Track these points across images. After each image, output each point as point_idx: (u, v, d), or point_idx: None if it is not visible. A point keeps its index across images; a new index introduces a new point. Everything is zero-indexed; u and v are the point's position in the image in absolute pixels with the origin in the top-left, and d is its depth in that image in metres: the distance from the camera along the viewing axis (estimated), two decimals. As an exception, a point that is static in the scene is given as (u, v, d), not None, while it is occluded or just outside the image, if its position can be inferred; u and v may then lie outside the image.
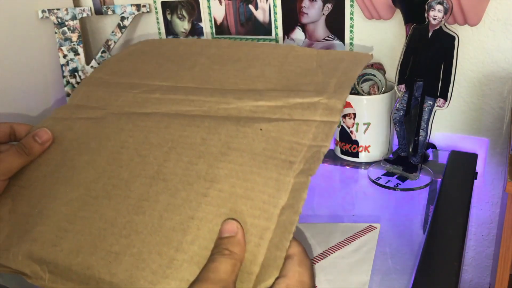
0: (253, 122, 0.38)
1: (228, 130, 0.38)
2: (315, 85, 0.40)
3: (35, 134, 0.43)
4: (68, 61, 1.02)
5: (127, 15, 0.99)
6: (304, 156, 0.35)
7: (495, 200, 0.83)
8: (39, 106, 1.02)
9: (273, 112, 0.38)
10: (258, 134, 0.36)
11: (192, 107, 0.42)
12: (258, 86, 0.42)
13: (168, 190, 0.35)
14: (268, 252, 0.31)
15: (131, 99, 0.45)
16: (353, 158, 0.77)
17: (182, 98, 0.43)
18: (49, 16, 0.99)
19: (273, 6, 0.88)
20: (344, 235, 0.57)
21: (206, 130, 0.38)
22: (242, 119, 0.39)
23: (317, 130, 0.36)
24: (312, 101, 0.37)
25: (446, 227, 0.57)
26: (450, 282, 0.48)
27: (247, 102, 0.40)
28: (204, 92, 0.43)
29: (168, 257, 0.32)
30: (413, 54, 0.66)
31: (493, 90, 0.76)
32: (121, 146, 0.40)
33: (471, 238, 0.88)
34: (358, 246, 0.55)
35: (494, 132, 0.78)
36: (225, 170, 0.35)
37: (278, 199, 0.33)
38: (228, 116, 0.39)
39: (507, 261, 0.63)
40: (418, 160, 0.70)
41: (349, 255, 0.53)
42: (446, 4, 0.61)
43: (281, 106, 0.38)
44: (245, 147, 0.36)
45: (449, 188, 0.66)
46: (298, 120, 0.37)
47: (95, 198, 0.37)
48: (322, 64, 0.42)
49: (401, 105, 0.69)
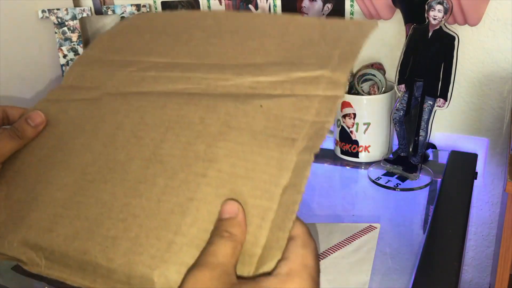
0: (253, 99, 0.36)
1: (227, 108, 0.36)
2: (317, 57, 0.38)
3: (28, 117, 0.42)
4: (68, 61, 1.02)
5: (127, 15, 0.99)
6: (307, 132, 0.33)
7: (495, 200, 0.83)
8: (39, 106, 1.02)
9: (274, 87, 0.37)
10: (258, 112, 0.35)
11: (189, 84, 0.40)
12: (258, 59, 0.40)
13: (166, 172, 0.34)
14: (270, 234, 0.30)
15: (126, 77, 0.44)
16: (353, 158, 0.77)
17: (178, 75, 0.41)
18: (49, 16, 0.99)
19: (273, 6, 0.88)
20: (344, 235, 0.57)
21: (204, 108, 0.37)
22: (241, 96, 0.37)
23: (320, 105, 0.34)
24: (314, 74, 0.36)
25: (446, 227, 0.57)
26: (450, 282, 0.48)
27: (246, 78, 0.38)
28: (201, 69, 0.41)
29: (166, 240, 0.31)
30: (413, 54, 0.66)
31: (493, 90, 0.76)
32: (116, 128, 0.39)
33: (471, 238, 0.88)
34: (358, 246, 0.55)
35: (494, 132, 0.78)
36: (224, 149, 0.34)
37: (280, 178, 0.32)
38: (227, 93, 0.38)
39: (507, 261, 0.64)
40: (418, 160, 0.70)
41: (349, 255, 0.53)
42: (446, 4, 0.61)
43: (282, 81, 0.37)
44: (245, 125, 0.35)
45: (449, 188, 0.66)
46: (300, 96, 0.35)
47: (91, 182, 0.36)
48: (325, 34, 0.40)
49: (401, 105, 0.69)
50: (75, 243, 0.33)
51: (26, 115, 0.42)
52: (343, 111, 0.74)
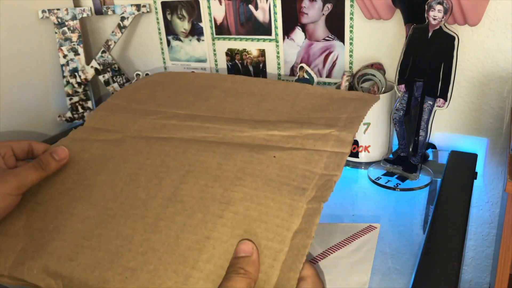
0: (267, 150, 0.39)
1: (243, 156, 0.39)
2: (326, 119, 0.41)
3: (53, 152, 0.44)
4: (68, 61, 1.02)
5: (127, 15, 0.99)
6: (316, 183, 0.36)
7: (495, 200, 0.83)
8: (39, 106, 1.02)
9: (286, 141, 0.40)
10: (272, 161, 0.38)
11: (208, 133, 0.43)
12: (271, 118, 0.44)
13: (185, 211, 0.36)
14: (281, 273, 0.32)
15: (148, 124, 0.47)
16: (353, 158, 0.77)
17: (198, 125, 0.44)
18: (49, 16, 0.99)
19: (273, 6, 0.88)
20: (344, 235, 0.57)
21: (222, 155, 0.40)
22: (256, 146, 0.40)
23: (329, 160, 0.37)
24: (323, 132, 0.39)
25: (446, 227, 0.57)
26: (450, 282, 0.48)
27: (261, 131, 0.41)
28: (219, 121, 0.44)
29: (184, 274, 0.33)
30: (413, 54, 0.66)
31: (493, 90, 0.76)
32: (138, 168, 0.41)
33: (471, 238, 0.88)
34: (358, 246, 0.55)
35: (494, 132, 0.78)
36: (240, 193, 0.36)
37: (291, 223, 0.34)
38: (243, 143, 0.41)
39: (507, 261, 0.64)
40: (418, 160, 0.70)
41: (349, 255, 0.53)
42: (446, 4, 0.61)
43: (294, 136, 0.40)
44: (260, 172, 0.37)
45: (449, 188, 0.66)
46: (310, 150, 0.38)
47: (112, 217, 0.38)
48: (333, 102, 0.44)
49: (401, 105, 0.69)
50: (95, 273, 0.35)
51: (51, 149, 0.45)
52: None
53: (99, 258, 0.35)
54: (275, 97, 0.47)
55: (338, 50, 0.86)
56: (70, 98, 1.04)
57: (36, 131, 1.01)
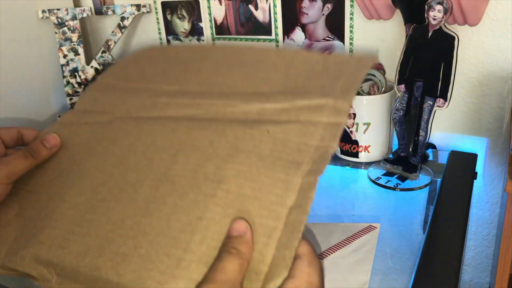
0: (260, 125, 0.38)
1: (235, 132, 0.38)
2: (321, 88, 0.40)
3: (44, 139, 0.43)
4: (68, 61, 1.02)
5: (127, 15, 0.99)
6: (312, 156, 0.35)
7: (495, 200, 0.83)
8: (39, 106, 1.02)
9: (280, 114, 0.38)
10: (265, 136, 0.37)
11: (199, 110, 0.42)
12: (265, 89, 0.42)
13: (175, 192, 0.35)
14: (276, 252, 0.31)
15: (137, 103, 0.46)
16: (353, 158, 0.77)
17: (188, 102, 0.43)
18: (49, 16, 0.99)
19: (273, 6, 0.88)
20: (344, 235, 0.57)
21: (214, 132, 0.39)
22: (249, 121, 0.39)
23: (324, 131, 0.36)
24: (319, 103, 0.38)
25: (446, 227, 0.57)
26: (450, 282, 0.48)
27: (254, 105, 0.40)
28: (210, 96, 0.43)
29: (176, 257, 0.32)
30: (413, 54, 0.66)
31: (493, 90, 0.76)
32: (127, 150, 0.41)
33: (471, 238, 0.88)
34: (358, 246, 0.55)
35: (494, 132, 0.78)
36: (232, 171, 0.35)
37: (286, 199, 0.33)
38: (235, 119, 0.40)
39: (507, 261, 0.64)
40: (418, 160, 0.70)
41: (349, 255, 0.53)
42: (446, 4, 0.61)
43: (288, 109, 0.39)
44: (252, 148, 0.36)
45: (449, 188, 0.66)
46: (305, 122, 0.37)
47: (102, 201, 0.37)
48: (328, 67, 0.42)
49: (401, 105, 0.69)
50: (86, 259, 0.34)
51: (42, 137, 0.43)
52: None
53: (90, 245, 0.35)
54: (268, 66, 0.45)
55: (338, 50, 0.86)
56: (70, 98, 1.04)
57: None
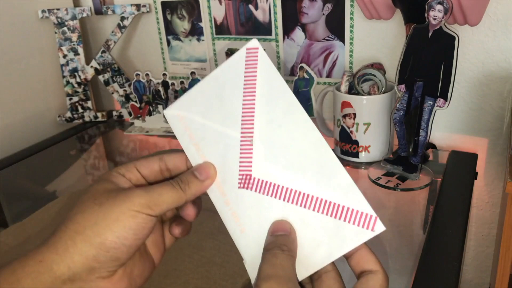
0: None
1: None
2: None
3: (195, 169, 0.35)
4: (68, 61, 1.02)
5: (127, 15, 0.99)
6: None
7: (495, 200, 0.83)
8: (38, 106, 1.02)
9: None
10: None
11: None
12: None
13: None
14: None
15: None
16: (353, 158, 0.77)
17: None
18: (49, 16, 0.99)
19: (273, 6, 0.88)
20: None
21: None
22: None
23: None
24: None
25: (446, 227, 0.57)
26: (450, 282, 0.48)
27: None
28: None
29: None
30: (413, 54, 0.66)
31: (493, 90, 0.76)
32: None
33: (471, 238, 0.88)
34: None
35: (494, 132, 0.78)
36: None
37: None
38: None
39: (507, 261, 0.63)
40: (418, 160, 0.70)
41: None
42: (446, 4, 0.61)
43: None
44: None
45: (449, 188, 0.66)
46: None
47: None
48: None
49: (401, 105, 0.69)
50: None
51: (193, 167, 0.35)
52: (343, 111, 0.74)
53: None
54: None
55: (338, 50, 0.86)
56: (70, 98, 1.04)
57: (36, 131, 1.01)
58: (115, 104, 1.13)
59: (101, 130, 1.05)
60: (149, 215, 0.31)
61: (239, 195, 0.34)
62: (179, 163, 0.36)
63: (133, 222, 0.30)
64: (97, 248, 0.30)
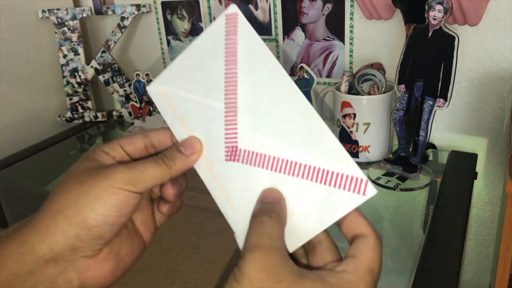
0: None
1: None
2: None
3: (180, 144, 0.34)
4: (68, 61, 1.02)
5: (127, 15, 0.99)
6: None
7: (495, 200, 0.83)
8: (39, 106, 1.02)
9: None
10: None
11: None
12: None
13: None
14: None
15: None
16: (353, 158, 0.76)
17: None
18: (49, 16, 0.99)
19: (273, 6, 0.88)
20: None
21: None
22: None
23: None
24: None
25: (446, 227, 0.57)
26: (450, 282, 0.48)
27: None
28: None
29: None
30: (413, 54, 0.66)
31: (493, 90, 0.76)
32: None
33: (471, 238, 0.88)
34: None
35: (494, 132, 0.78)
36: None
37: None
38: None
39: (507, 261, 0.63)
40: (418, 160, 0.70)
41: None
42: (446, 4, 0.61)
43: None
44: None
45: (449, 188, 0.66)
46: None
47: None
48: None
49: (401, 105, 0.69)
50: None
51: (178, 143, 0.34)
52: (343, 111, 0.74)
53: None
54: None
55: (338, 50, 0.86)
56: (70, 98, 1.04)
57: (36, 131, 1.01)
58: (115, 104, 1.13)
59: (101, 130, 1.05)
60: (132, 191, 0.30)
61: (227, 168, 0.33)
62: (164, 139, 0.35)
63: (115, 199, 0.30)
64: (78, 227, 0.29)
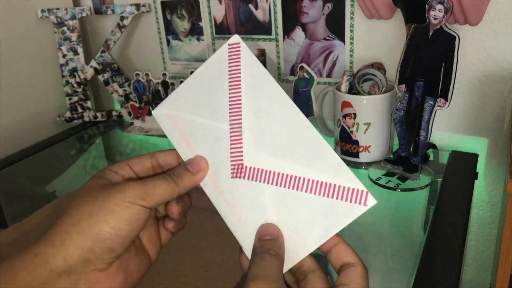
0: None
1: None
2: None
3: (187, 163, 0.35)
4: (67, 61, 1.02)
5: (126, 14, 0.99)
6: None
7: (495, 200, 0.83)
8: (38, 106, 1.02)
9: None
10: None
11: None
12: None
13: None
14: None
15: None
16: (354, 158, 0.77)
17: None
18: (48, 15, 0.99)
19: (273, 6, 0.88)
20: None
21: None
22: None
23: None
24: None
25: (446, 227, 0.57)
26: (451, 282, 0.47)
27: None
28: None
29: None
30: (414, 54, 0.66)
31: (493, 90, 0.76)
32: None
33: (471, 238, 0.88)
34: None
35: (495, 132, 0.78)
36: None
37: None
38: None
39: (507, 261, 0.63)
40: (418, 160, 0.70)
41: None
42: (446, 4, 0.61)
43: None
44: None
45: (450, 188, 0.66)
46: None
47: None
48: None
49: (401, 105, 0.69)
50: None
51: (186, 161, 0.36)
52: (343, 111, 0.74)
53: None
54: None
55: (338, 50, 0.86)
56: (69, 98, 1.04)
57: (35, 131, 1.01)
58: (115, 104, 1.13)
59: (101, 130, 1.05)
60: (143, 206, 0.32)
61: (233, 185, 0.35)
62: (170, 159, 0.37)
63: (127, 213, 0.31)
64: (92, 239, 0.30)
